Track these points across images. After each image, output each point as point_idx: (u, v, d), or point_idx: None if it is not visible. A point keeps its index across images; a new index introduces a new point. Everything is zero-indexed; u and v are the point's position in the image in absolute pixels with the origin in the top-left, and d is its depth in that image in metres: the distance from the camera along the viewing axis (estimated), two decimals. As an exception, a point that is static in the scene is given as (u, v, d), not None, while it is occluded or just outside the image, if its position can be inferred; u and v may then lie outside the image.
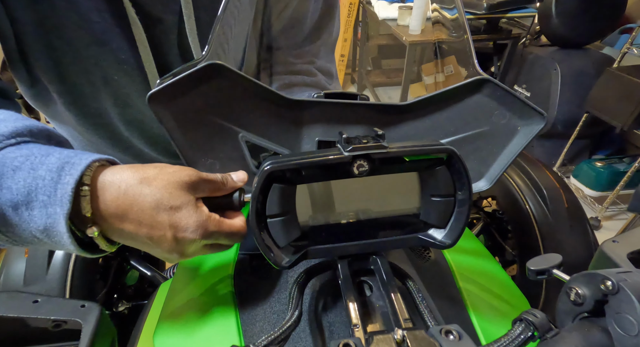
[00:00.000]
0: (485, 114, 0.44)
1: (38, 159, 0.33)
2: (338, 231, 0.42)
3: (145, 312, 0.63)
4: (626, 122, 1.73)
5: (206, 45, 0.40)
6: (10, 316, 0.39)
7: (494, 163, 0.45)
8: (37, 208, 0.32)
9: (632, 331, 0.27)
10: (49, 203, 0.32)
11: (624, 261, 0.43)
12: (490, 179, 0.45)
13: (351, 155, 0.36)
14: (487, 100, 0.43)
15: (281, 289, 0.50)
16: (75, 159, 0.34)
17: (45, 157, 0.33)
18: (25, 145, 0.34)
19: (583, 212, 0.83)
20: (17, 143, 0.34)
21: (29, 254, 0.74)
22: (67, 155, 0.34)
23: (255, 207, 0.36)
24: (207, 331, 0.49)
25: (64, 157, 0.34)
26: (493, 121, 0.44)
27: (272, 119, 0.43)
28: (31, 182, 0.32)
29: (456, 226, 0.41)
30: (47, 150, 0.34)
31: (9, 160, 0.33)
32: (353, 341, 0.30)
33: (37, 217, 0.33)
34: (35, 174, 0.32)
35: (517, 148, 0.43)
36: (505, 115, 0.43)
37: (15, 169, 0.32)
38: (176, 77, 0.37)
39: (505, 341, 0.30)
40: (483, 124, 0.44)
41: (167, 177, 0.36)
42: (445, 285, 0.56)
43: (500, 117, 0.43)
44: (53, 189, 0.32)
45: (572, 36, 2.06)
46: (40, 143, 0.36)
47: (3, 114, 0.36)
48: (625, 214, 2.02)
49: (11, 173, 0.32)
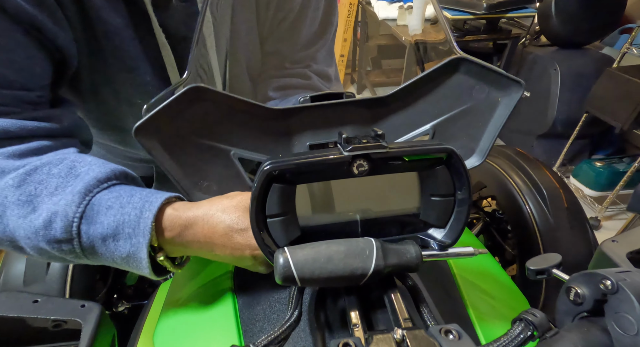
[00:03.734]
0: (466, 91, 0.45)
1: (125, 199, 0.41)
2: (338, 231, 0.42)
3: (145, 312, 0.63)
4: (626, 122, 1.73)
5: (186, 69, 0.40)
6: (10, 316, 0.39)
7: (482, 137, 0.46)
8: (122, 239, 0.40)
9: (632, 330, 0.27)
10: (133, 234, 0.40)
11: (624, 260, 0.43)
12: (481, 154, 0.46)
13: (351, 155, 0.36)
14: (465, 78, 0.44)
15: (281, 289, 0.50)
16: (152, 198, 0.42)
17: (130, 197, 0.41)
18: (114, 188, 0.43)
19: (583, 212, 0.83)
20: (108, 186, 0.42)
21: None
22: (147, 195, 0.42)
23: (255, 207, 0.36)
24: (207, 331, 0.49)
25: (144, 196, 0.42)
26: (474, 97, 0.45)
27: (261, 131, 0.43)
28: (119, 218, 0.40)
29: (456, 225, 0.41)
30: (131, 191, 0.43)
31: (104, 201, 0.41)
32: (353, 341, 0.30)
33: (122, 247, 0.40)
34: (123, 211, 0.40)
35: (502, 119, 0.44)
36: (485, 90, 0.44)
37: (108, 208, 0.40)
38: (158, 107, 0.37)
39: (504, 341, 0.30)
40: (466, 101, 0.45)
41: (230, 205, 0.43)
42: (445, 285, 0.56)
43: (480, 91, 0.44)
44: (136, 223, 0.40)
45: (572, 36, 2.06)
46: (124, 183, 0.44)
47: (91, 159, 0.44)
48: (624, 213, 2.02)
49: (105, 211, 0.40)
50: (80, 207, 0.40)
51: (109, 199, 0.41)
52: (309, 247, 0.34)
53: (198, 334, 0.49)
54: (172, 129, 0.40)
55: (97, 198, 0.41)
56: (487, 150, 0.46)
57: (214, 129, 0.42)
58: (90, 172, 0.42)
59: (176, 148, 0.41)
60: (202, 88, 0.38)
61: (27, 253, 0.43)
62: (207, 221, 0.43)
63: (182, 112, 0.39)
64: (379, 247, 0.35)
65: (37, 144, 0.45)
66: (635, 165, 1.78)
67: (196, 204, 0.44)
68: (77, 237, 0.40)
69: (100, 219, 0.40)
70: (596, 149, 2.29)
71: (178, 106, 0.38)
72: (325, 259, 0.33)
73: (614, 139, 2.25)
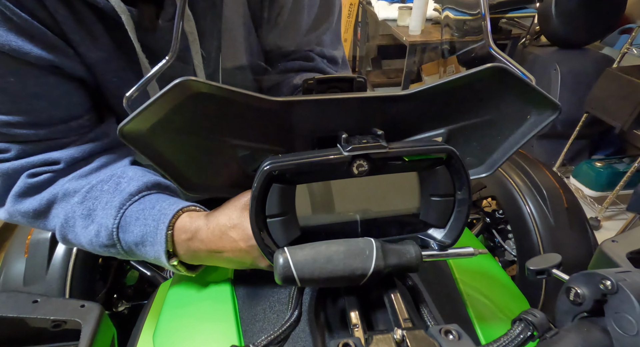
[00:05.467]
0: (495, 101, 0.41)
1: (148, 212, 0.47)
2: (338, 231, 0.42)
3: (145, 312, 0.63)
4: (626, 122, 1.73)
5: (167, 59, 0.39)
6: (10, 316, 0.39)
7: (496, 150, 0.43)
8: (148, 245, 0.46)
9: (632, 330, 0.27)
10: (154, 243, 0.46)
11: (623, 260, 0.43)
12: (490, 167, 0.44)
13: (351, 155, 0.36)
14: (497, 87, 0.40)
15: (281, 289, 0.50)
16: (169, 209, 0.47)
17: (151, 209, 0.47)
18: (143, 199, 0.48)
19: (583, 212, 0.83)
20: (139, 198, 0.48)
21: (28, 254, 0.74)
22: (166, 206, 0.47)
23: (254, 207, 0.36)
24: (207, 331, 0.49)
25: (163, 208, 0.47)
26: (502, 109, 0.41)
27: (261, 123, 0.41)
28: (143, 229, 0.46)
29: (456, 225, 0.41)
30: (154, 203, 0.48)
31: (134, 213, 0.47)
32: (353, 341, 0.30)
33: (149, 252, 0.47)
34: (145, 223, 0.46)
35: (524, 137, 0.41)
36: (515, 104, 0.40)
37: (137, 219, 0.47)
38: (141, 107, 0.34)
39: (504, 341, 0.30)
40: (491, 111, 0.41)
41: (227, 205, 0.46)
42: (445, 285, 0.56)
43: (510, 105, 0.41)
44: (155, 233, 0.46)
45: (572, 36, 2.06)
46: (155, 192, 0.50)
47: (133, 173, 0.50)
48: (624, 214, 2.02)
49: (134, 221, 0.47)
50: (117, 219, 0.47)
51: (137, 211, 0.47)
52: (309, 248, 0.34)
53: (198, 334, 0.49)
54: (161, 127, 0.37)
55: (129, 210, 0.47)
56: (499, 164, 0.43)
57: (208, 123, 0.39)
58: (127, 187, 0.49)
59: (169, 146, 0.39)
60: (190, 82, 0.34)
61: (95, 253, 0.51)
62: (208, 226, 0.46)
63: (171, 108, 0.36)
64: (378, 247, 0.35)
65: (96, 163, 0.52)
66: (635, 165, 1.78)
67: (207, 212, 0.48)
68: (118, 242, 0.48)
69: (131, 228, 0.47)
70: (596, 149, 2.28)
71: (166, 102, 0.35)
72: (325, 260, 0.33)
73: (614, 139, 2.25)
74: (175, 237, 0.47)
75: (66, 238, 0.51)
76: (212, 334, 0.48)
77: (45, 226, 0.51)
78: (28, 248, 0.74)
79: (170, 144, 0.39)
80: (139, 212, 0.47)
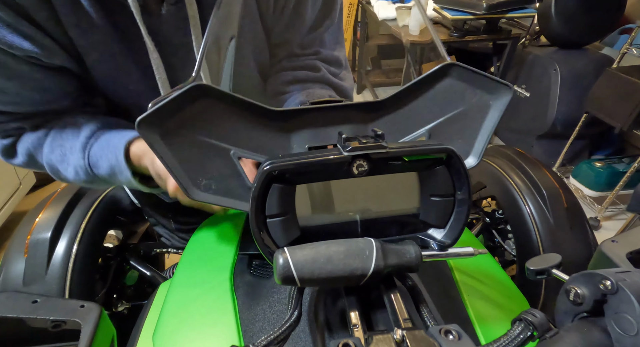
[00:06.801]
0: (459, 95, 0.46)
1: (105, 150, 0.56)
2: (338, 231, 0.42)
3: (145, 312, 0.63)
4: (625, 122, 1.73)
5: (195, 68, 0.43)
6: (9, 317, 0.39)
7: (476, 139, 0.48)
8: (118, 174, 0.56)
9: (631, 330, 0.27)
10: (121, 171, 0.56)
11: (623, 260, 0.43)
12: (476, 155, 0.47)
13: (351, 155, 0.36)
14: (457, 83, 0.46)
15: (281, 289, 0.50)
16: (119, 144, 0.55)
17: (107, 147, 0.56)
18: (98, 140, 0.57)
19: (582, 212, 0.83)
20: (95, 139, 0.57)
21: (28, 254, 0.74)
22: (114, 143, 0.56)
23: (254, 207, 0.36)
24: (207, 331, 0.49)
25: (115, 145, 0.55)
26: (466, 101, 0.46)
27: (261, 131, 0.45)
28: (108, 163, 0.56)
29: (456, 225, 0.41)
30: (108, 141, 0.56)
31: (96, 152, 0.56)
32: (353, 341, 0.30)
33: (122, 179, 0.57)
34: (108, 158, 0.56)
35: (494, 121, 0.46)
36: (476, 93, 0.46)
37: (100, 157, 0.56)
38: (161, 102, 0.38)
39: (504, 341, 0.30)
40: (459, 104, 0.47)
41: None
42: (445, 285, 0.56)
43: (472, 95, 0.46)
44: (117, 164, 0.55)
45: (572, 36, 2.06)
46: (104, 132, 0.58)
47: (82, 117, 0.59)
48: (624, 214, 2.02)
49: (99, 159, 0.56)
50: (85, 160, 0.57)
51: (97, 150, 0.56)
52: (309, 248, 0.34)
53: (198, 334, 0.49)
54: (174, 125, 0.40)
55: (92, 151, 0.56)
56: (482, 151, 0.47)
57: (215, 127, 0.43)
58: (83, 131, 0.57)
59: (177, 144, 0.41)
60: (205, 86, 0.39)
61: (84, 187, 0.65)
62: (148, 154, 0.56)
63: (184, 109, 0.40)
64: (378, 247, 0.35)
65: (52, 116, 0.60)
66: (635, 165, 1.78)
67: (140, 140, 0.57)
68: (96, 176, 0.58)
69: (100, 164, 0.56)
70: (596, 149, 2.29)
71: (181, 103, 0.39)
72: (325, 260, 0.33)
73: (613, 139, 2.25)
74: (133, 162, 0.57)
75: (61, 178, 0.61)
76: (212, 334, 0.48)
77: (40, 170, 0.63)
78: (28, 248, 0.74)
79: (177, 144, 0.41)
80: (99, 150, 0.56)
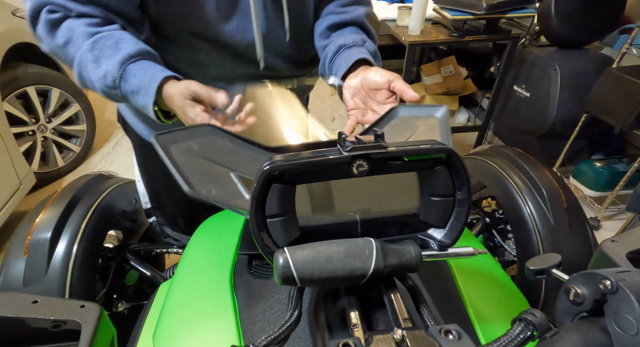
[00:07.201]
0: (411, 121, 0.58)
1: (142, 72, 0.63)
2: (338, 231, 0.42)
3: (145, 312, 0.63)
4: (625, 122, 1.73)
5: None
6: (9, 317, 0.39)
7: None
8: (141, 96, 0.63)
9: (631, 330, 0.27)
10: (145, 95, 0.63)
11: (623, 260, 0.43)
12: None
13: (350, 155, 0.36)
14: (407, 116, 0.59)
15: (281, 289, 0.50)
16: (158, 74, 0.63)
17: (145, 71, 0.63)
18: (139, 62, 0.64)
19: (582, 212, 0.83)
20: (136, 60, 0.63)
21: (28, 254, 0.74)
22: (155, 72, 0.63)
23: (255, 207, 0.36)
24: (207, 331, 0.49)
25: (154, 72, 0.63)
26: (420, 122, 0.57)
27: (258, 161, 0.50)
28: (139, 83, 0.63)
29: (456, 225, 0.41)
30: (148, 67, 0.64)
31: (132, 70, 0.63)
32: (353, 341, 0.30)
33: (140, 101, 0.64)
34: (141, 79, 0.63)
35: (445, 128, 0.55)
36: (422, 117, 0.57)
37: (134, 75, 0.63)
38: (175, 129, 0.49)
39: (504, 341, 0.30)
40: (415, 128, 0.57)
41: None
42: (445, 285, 0.56)
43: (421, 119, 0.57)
44: (147, 89, 0.63)
45: (572, 36, 2.06)
46: (147, 60, 0.65)
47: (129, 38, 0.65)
48: (624, 214, 2.02)
49: (132, 77, 0.63)
50: (120, 71, 0.63)
51: (135, 69, 0.63)
52: (309, 248, 0.34)
53: (198, 334, 0.49)
54: (184, 146, 0.49)
55: (129, 67, 0.63)
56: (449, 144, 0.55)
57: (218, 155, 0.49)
58: (125, 48, 0.63)
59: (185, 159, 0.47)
60: (211, 126, 0.51)
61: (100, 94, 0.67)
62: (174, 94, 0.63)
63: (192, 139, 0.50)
64: (378, 247, 0.35)
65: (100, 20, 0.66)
66: (635, 165, 1.78)
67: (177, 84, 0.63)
68: (119, 88, 0.64)
69: (130, 81, 0.63)
70: (596, 149, 2.28)
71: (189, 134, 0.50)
72: (325, 260, 0.33)
73: (613, 139, 2.25)
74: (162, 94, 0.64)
75: (82, 76, 0.66)
76: (212, 334, 0.48)
77: (65, 60, 0.68)
78: (28, 248, 0.74)
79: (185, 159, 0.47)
80: (136, 70, 0.63)
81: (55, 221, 0.77)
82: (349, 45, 0.76)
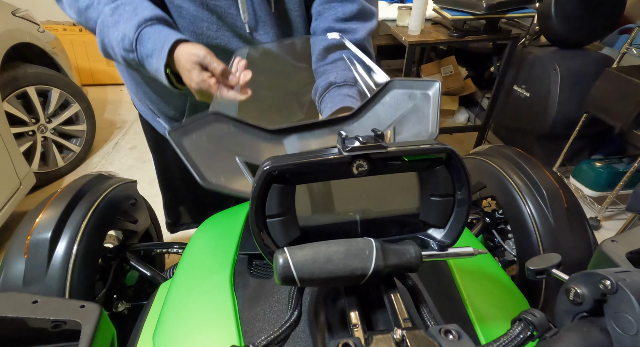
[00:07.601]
0: (405, 97, 0.61)
1: (156, 35, 0.67)
2: (337, 231, 0.42)
3: (145, 312, 0.63)
4: (625, 122, 1.73)
5: None
6: (9, 317, 0.39)
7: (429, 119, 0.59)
8: (154, 58, 0.67)
9: (631, 330, 0.27)
10: (159, 58, 0.66)
11: (623, 260, 0.43)
12: (434, 128, 0.58)
13: (350, 156, 0.36)
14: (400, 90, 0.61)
15: (281, 289, 0.50)
16: (170, 37, 0.66)
17: (159, 34, 0.67)
18: (154, 26, 0.67)
19: (582, 212, 0.83)
20: (151, 24, 0.67)
21: (28, 254, 0.74)
22: (168, 34, 0.67)
23: (254, 207, 0.36)
24: (207, 331, 0.49)
25: (167, 35, 0.66)
26: (412, 98, 0.60)
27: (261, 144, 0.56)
28: (153, 46, 0.66)
29: (455, 225, 0.41)
30: (161, 30, 0.67)
31: (147, 34, 0.67)
32: (352, 341, 0.30)
33: (154, 64, 0.67)
34: (155, 42, 0.66)
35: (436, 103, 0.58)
36: (415, 91, 0.60)
37: (148, 38, 0.67)
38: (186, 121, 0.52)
39: (504, 341, 0.30)
40: (407, 103, 0.60)
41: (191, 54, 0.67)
42: (445, 285, 0.56)
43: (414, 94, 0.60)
44: (160, 51, 0.66)
45: (572, 36, 2.06)
46: (162, 24, 0.69)
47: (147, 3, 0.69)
48: (624, 213, 2.02)
49: (147, 39, 0.67)
50: (136, 34, 0.66)
51: (149, 32, 0.67)
52: (309, 248, 0.34)
53: (198, 334, 0.49)
54: (195, 137, 0.51)
55: (144, 30, 0.67)
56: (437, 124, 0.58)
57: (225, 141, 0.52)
58: (142, 13, 0.67)
59: (196, 150, 0.50)
60: (220, 113, 0.54)
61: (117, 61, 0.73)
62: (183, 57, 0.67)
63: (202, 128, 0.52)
64: (378, 247, 0.35)
65: None
66: (635, 165, 1.78)
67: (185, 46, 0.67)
68: (135, 51, 0.68)
69: (145, 43, 0.67)
70: (596, 149, 2.28)
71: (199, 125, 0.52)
72: (325, 260, 0.33)
73: (613, 139, 2.25)
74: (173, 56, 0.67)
75: (104, 43, 0.71)
76: (212, 334, 0.48)
77: (87, 25, 0.72)
78: (28, 248, 0.74)
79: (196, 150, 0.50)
80: (151, 33, 0.67)
81: (55, 221, 0.77)
82: (340, 84, 0.77)
